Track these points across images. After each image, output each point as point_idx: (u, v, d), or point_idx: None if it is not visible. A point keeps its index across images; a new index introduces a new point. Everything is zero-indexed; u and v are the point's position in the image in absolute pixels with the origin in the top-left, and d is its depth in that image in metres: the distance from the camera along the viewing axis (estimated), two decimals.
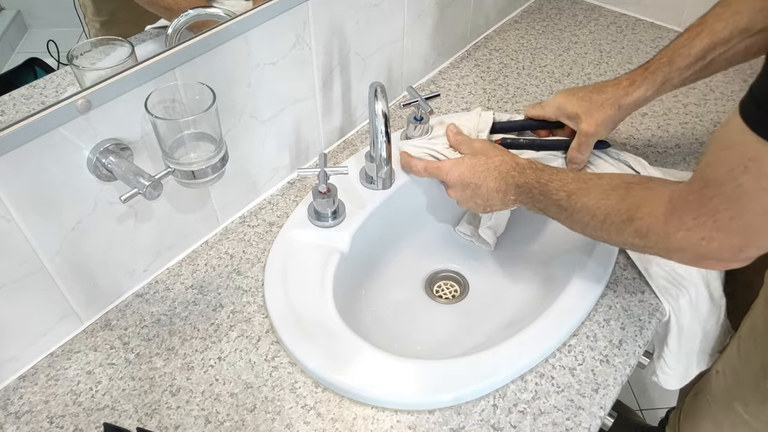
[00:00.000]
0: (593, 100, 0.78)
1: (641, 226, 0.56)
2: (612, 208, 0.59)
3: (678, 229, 0.52)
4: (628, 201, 0.58)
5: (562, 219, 0.67)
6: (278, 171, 0.87)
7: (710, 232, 0.50)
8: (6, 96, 0.58)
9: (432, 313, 0.84)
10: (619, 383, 0.66)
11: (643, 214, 0.56)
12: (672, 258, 0.57)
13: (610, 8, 1.29)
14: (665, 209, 0.54)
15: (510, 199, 0.73)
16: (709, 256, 0.52)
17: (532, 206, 0.71)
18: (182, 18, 0.68)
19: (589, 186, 0.64)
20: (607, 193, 0.61)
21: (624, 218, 0.58)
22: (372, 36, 0.89)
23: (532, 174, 0.70)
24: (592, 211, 0.62)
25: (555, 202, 0.66)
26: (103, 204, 0.65)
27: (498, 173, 0.73)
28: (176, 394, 0.65)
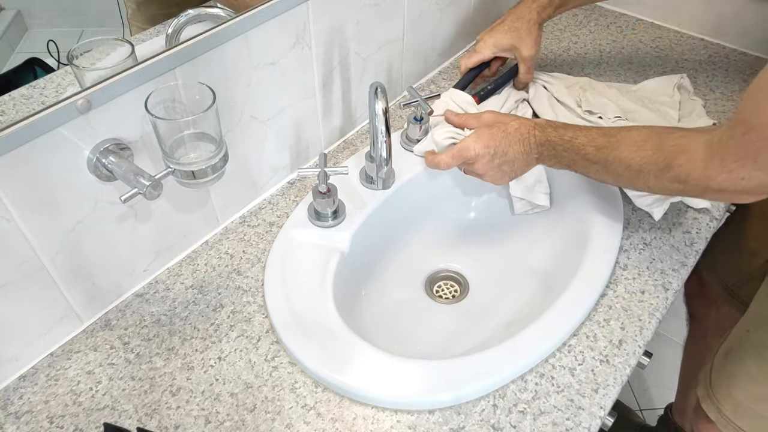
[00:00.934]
0: (519, 29, 0.90)
1: (680, 173, 0.60)
2: (648, 158, 0.63)
3: (719, 172, 0.57)
4: (665, 150, 0.61)
5: (591, 171, 0.70)
6: (278, 171, 0.87)
7: (750, 172, 0.55)
8: (6, 96, 0.58)
9: (432, 313, 0.84)
10: (619, 383, 0.66)
11: (682, 161, 0.60)
12: (707, 197, 0.62)
13: (610, 8, 1.29)
14: (704, 154, 0.58)
15: (533, 158, 0.75)
16: (747, 191, 0.57)
17: (556, 162, 0.74)
18: (182, 17, 0.68)
19: (619, 139, 0.67)
20: (640, 144, 0.64)
21: (662, 167, 0.62)
22: (372, 36, 0.89)
23: (554, 132, 0.72)
24: (626, 162, 0.65)
25: (583, 157, 0.69)
26: (103, 204, 0.65)
27: (520, 135, 0.74)
28: (176, 394, 0.65)
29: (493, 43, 0.92)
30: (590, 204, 0.81)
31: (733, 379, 0.87)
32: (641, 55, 1.14)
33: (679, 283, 0.76)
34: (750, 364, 0.84)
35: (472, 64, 0.94)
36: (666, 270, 0.77)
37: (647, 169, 0.63)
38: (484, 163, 0.76)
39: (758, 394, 0.84)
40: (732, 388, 0.87)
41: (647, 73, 1.10)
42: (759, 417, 0.84)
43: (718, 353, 0.91)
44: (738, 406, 0.86)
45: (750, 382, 0.84)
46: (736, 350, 0.87)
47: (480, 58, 0.93)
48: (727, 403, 0.87)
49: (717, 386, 0.89)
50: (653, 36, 1.20)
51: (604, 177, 0.70)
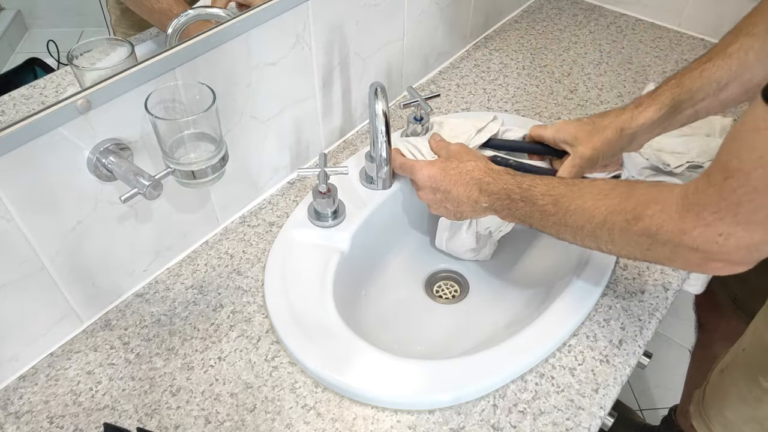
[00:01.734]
0: (596, 124, 0.74)
1: (651, 225, 0.53)
2: (614, 207, 0.56)
3: (695, 225, 0.49)
4: (634, 199, 0.55)
5: (547, 226, 0.63)
6: (278, 171, 0.87)
7: (729, 227, 0.48)
8: (6, 96, 0.58)
9: (432, 313, 0.84)
10: (619, 383, 0.66)
11: (654, 211, 0.53)
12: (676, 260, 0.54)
13: (610, 8, 1.29)
14: (679, 205, 0.51)
15: (482, 206, 0.69)
16: (720, 256, 0.50)
17: (509, 214, 0.68)
18: (182, 18, 0.68)
19: (582, 189, 0.60)
20: (606, 192, 0.58)
21: (629, 217, 0.54)
22: (372, 36, 0.89)
23: (511, 179, 0.67)
24: (589, 213, 0.58)
25: (540, 208, 0.63)
26: (103, 204, 0.65)
27: (470, 178, 0.69)
28: (176, 394, 0.65)
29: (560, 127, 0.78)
30: None
31: (725, 399, 0.86)
32: (641, 55, 1.14)
33: (679, 284, 0.76)
34: (742, 384, 0.82)
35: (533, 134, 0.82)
36: (666, 270, 0.77)
37: (612, 219, 0.56)
38: (426, 193, 0.74)
39: (748, 415, 0.83)
40: (724, 407, 0.86)
41: (647, 73, 1.10)
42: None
43: (715, 370, 0.90)
44: (728, 425, 0.85)
45: (741, 402, 0.83)
46: (730, 369, 0.86)
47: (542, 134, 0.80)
48: (718, 422, 0.87)
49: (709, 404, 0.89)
50: (653, 36, 1.20)
51: (562, 232, 0.62)
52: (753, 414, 0.82)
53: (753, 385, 0.81)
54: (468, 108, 1.03)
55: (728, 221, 0.48)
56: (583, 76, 1.10)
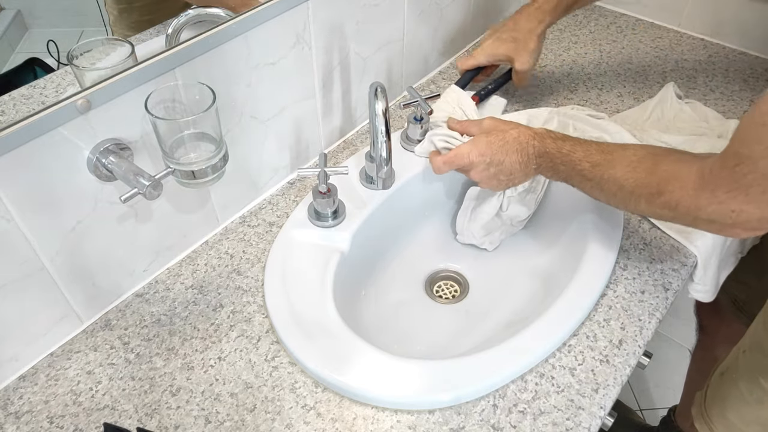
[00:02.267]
0: (517, 40, 0.90)
1: (671, 200, 0.59)
2: (641, 181, 0.61)
3: (710, 202, 0.55)
4: (658, 174, 0.60)
5: (586, 188, 0.69)
6: (278, 171, 0.87)
7: (741, 205, 0.53)
8: (6, 96, 0.57)
9: (432, 313, 0.84)
10: (619, 383, 0.66)
11: (674, 187, 0.58)
12: (698, 227, 0.60)
13: (610, 8, 1.29)
14: (696, 184, 0.56)
15: (532, 168, 0.73)
16: (737, 225, 0.55)
17: (553, 174, 0.72)
18: (182, 18, 0.68)
19: (615, 158, 0.65)
20: (634, 165, 0.63)
21: (653, 191, 0.60)
22: (372, 36, 0.89)
23: (553, 143, 0.71)
24: (619, 183, 0.64)
25: (579, 172, 0.68)
26: (103, 204, 0.65)
27: (518, 145, 0.73)
28: (176, 394, 0.65)
29: (489, 53, 0.93)
30: (590, 204, 0.81)
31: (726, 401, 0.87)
32: (641, 55, 1.14)
33: (679, 284, 0.76)
34: (743, 386, 0.84)
35: (467, 66, 0.96)
36: (666, 270, 0.77)
37: (639, 192, 0.62)
38: (479, 171, 0.75)
39: (750, 417, 0.83)
40: (725, 409, 0.87)
41: (647, 73, 1.10)
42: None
43: (715, 373, 0.91)
44: (730, 427, 0.86)
45: (742, 404, 0.84)
46: (731, 371, 0.87)
47: (474, 62, 0.95)
48: (720, 423, 0.88)
49: (711, 406, 0.89)
50: (653, 36, 1.20)
51: (598, 195, 0.68)
52: (755, 415, 0.83)
53: (754, 387, 0.82)
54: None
55: (740, 200, 0.53)
56: (583, 76, 1.10)
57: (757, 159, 0.51)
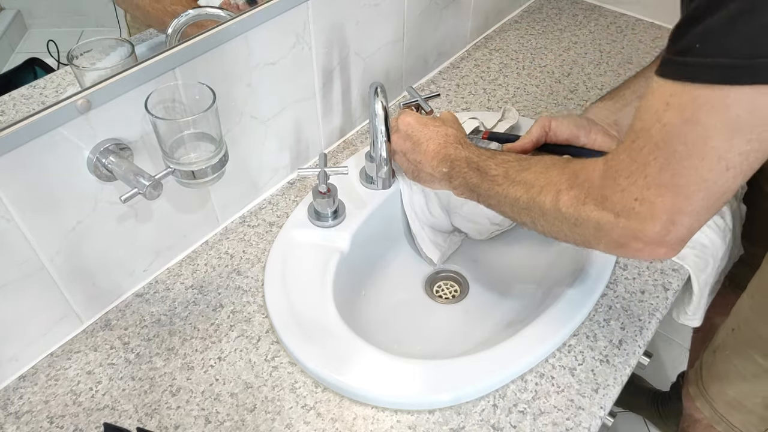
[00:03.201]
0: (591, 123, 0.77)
1: (579, 194, 0.54)
2: (552, 178, 0.58)
3: (613, 191, 0.51)
4: (568, 171, 0.57)
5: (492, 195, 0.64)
6: (278, 171, 0.87)
7: (641, 190, 0.49)
8: (6, 96, 0.57)
9: (432, 313, 0.84)
10: (620, 383, 0.66)
11: (582, 180, 0.54)
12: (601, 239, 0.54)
13: (610, 8, 1.29)
14: (601, 173, 0.52)
15: (442, 171, 0.70)
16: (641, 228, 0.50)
17: (462, 183, 0.68)
18: (182, 18, 0.68)
19: (531, 163, 0.62)
20: (548, 166, 0.59)
21: (563, 187, 0.56)
22: (372, 36, 0.89)
23: (474, 149, 0.69)
24: (528, 184, 0.60)
25: (491, 178, 0.64)
26: (103, 204, 0.65)
27: (444, 139, 0.71)
28: (176, 394, 0.65)
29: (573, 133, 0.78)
30: None
31: (724, 378, 0.88)
32: (641, 55, 1.14)
33: (679, 284, 0.76)
34: (738, 362, 0.85)
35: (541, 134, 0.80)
36: (666, 270, 0.77)
37: (546, 191, 0.57)
38: (399, 139, 0.74)
39: (748, 391, 0.85)
40: (724, 386, 0.88)
41: None
42: (750, 413, 0.85)
43: (707, 350, 0.92)
44: (731, 403, 0.87)
45: (740, 380, 0.85)
46: (723, 348, 0.88)
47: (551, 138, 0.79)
48: (721, 400, 0.89)
49: (709, 385, 0.91)
50: (653, 36, 1.20)
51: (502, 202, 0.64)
52: (753, 389, 0.84)
53: (748, 363, 0.83)
54: (468, 108, 1.03)
55: (640, 184, 0.49)
56: (583, 76, 1.10)
57: (648, 128, 0.47)
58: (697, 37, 0.43)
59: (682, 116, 0.45)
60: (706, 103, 0.43)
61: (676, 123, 0.46)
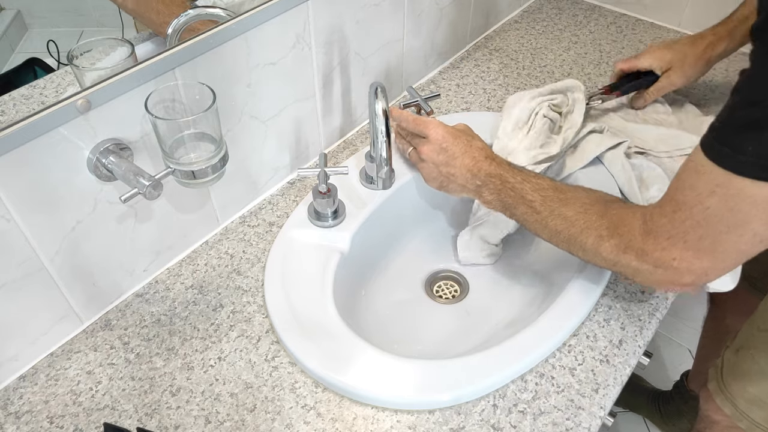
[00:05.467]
0: (687, 54, 0.88)
1: (620, 242, 0.61)
2: (592, 223, 0.63)
3: (654, 248, 0.57)
4: (608, 218, 0.62)
5: (529, 221, 0.69)
6: (278, 171, 0.87)
7: (681, 252, 0.56)
8: (6, 96, 0.57)
9: (432, 313, 0.84)
10: (620, 383, 0.66)
11: (623, 232, 0.60)
12: (637, 277, 0.61)
13: (610, 8, 1.29)
14: (641, 230, 0.59)
15: (475, 183, 0.74)
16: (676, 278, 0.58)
17: (496, 199, 0.72)
18: (182, 18, 0.68)
19: (568, 197, 0.67)
20: (586, 207, 0.65)
21: (604, 233, 0.62)
22: (372, 36, 0.89)
23: (508, 168, 0.72)
24: (569, 221, 0.65)
25: (528, 203, 0.69)
26: (103, 204, 0.65)
27: (477, 154, 0.74)
28: (176, 394, 0.65)
29: (658, 56, 0.91)
30: None
31: (747, 376, 0.89)
32: None
33: None
34: (762, 361, 0.86)
35: (626, 67, 0.94)
36: None
37: (588, 232, 0.64)
38: (431, 151, 0.76)
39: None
40: (746, 384, 0.89)
41: None
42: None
43: (729, 349, 0.93)
44: (752, 400, 0.89)
45: (762, 378, 0.87)
46: (747, 348, 0.89)
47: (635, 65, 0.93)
48: (741, 398, 0.90)
49: (730, 382, 0.92)
50: (653, 36, 1.20)
51: (539, 229, 0.69)
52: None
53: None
54: (468, 108, 1.03)
55: (680, 247, 0.56)
56: (583, 76, 1.10)
57: (691, 206, 0.53)
58: (753, 143, 0.48)
59: (726, 205, 0.51)
60: (751, 196, 0.49)
61: (720, 209, 0.51)
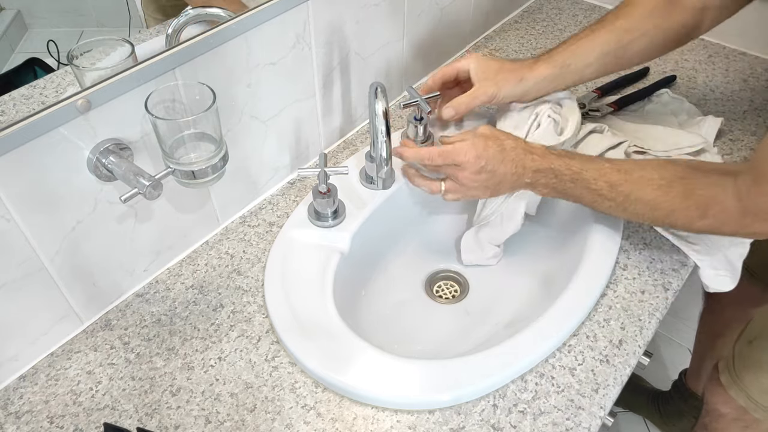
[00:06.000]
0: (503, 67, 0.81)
1: (714, 222, 0.62)
2: (677, 205, 0.64)
3: (754, 222, 0.60)
4: (695, 199, 0.63)
5: (602, 207, 0.69)
6: (278, 171, 0.87)
7: None
8: (6, 96, 0.57)
9: (432, 313, 0.84)
10: (620, 383, 0.66)
11: (716, 212, 0.62)
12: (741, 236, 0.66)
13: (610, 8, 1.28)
14: (737, 209, 0.60)
15: (524, 182, 0.72)
16: None
17: (552, 191, 0.71)
18: (182, 18, 0.68)
19: (635, 178, 0.66)
20: (665, 189, 0.65)
21: (695, 215, 0.63)
22: (372, 36, 0.89)
23: (558, 160, 0.70)
24: (650, 205, 0.66)
25: (594, 191, 0.68)
26: (103, 204, 0.65)
27: (515, 155, 0.71)
28: (176, 394, 0.65)
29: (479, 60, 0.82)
30: None
31: (761, 367, 0.90)
32: None
33: (679, 283, 0.76)
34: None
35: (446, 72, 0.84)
36: (666, 270, 0.77)
37: (676, 215, 0.65)
38: (470, 174, 0.71)
39: None
40: (759, 375, 0.90)
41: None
42: None
43: (740, 340, 0.93)
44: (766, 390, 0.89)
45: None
46: (761, 339, 0.90)
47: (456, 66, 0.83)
48: (755, 388, 0.91)
49: (743, 374, 0.92)
50: None
51: (619, 213, 0.69)
52: None
53: None
54: None
55: None
56: None
57: None
58: None
59: None
60: None
61: None
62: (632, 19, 0.79)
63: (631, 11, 0.79)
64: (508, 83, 0.80)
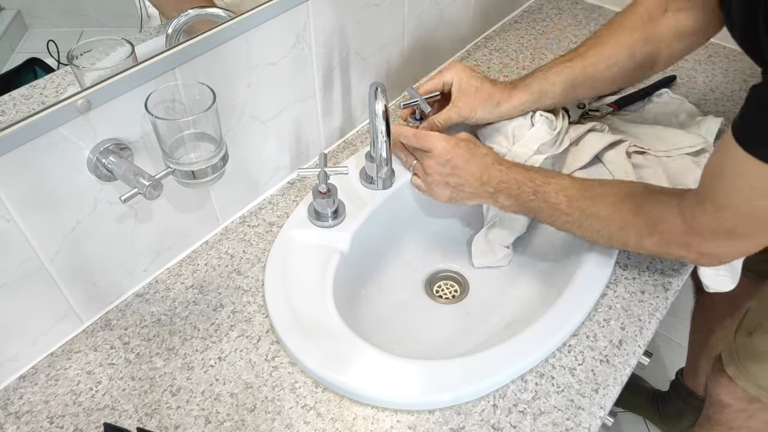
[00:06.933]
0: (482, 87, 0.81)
1: (661, 240, 0.63)
2: (628, 222, 0.65)
3: (700, 241, 0.60)
4: (644, 216, 0.64)
5: (559, 222, 0.70)
6: (278, 171, 0.87)
7: (727, 241, 0.59)
8: (6, 96, 0.57)
9: (432, 313, 0.84)
10: (620, 383, 0.66)
11: (663, 229, 0.62)
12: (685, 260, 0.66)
13: (610, 8, 1.29)
14: (682, 228, 0.61)
15: (487, 191, 0.73)
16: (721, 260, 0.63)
17: (515, 203, 0.73)
18: (182, 18, 0.68)
19: (594, 194, 0.67)
20: (617, 206, 0.66)
21: (644, 231, 0.64)
22: (372, 36, 0.89)
23: (522, 172, 0.72)
24: (605, 221, 0.67)
25: (553, 205, 0.69)
26: (103, 204, 0.65)
27: (483, 162, 0.73)
28: (176, 394, 0.65)
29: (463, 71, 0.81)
30: None
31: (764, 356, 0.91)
32: None
33: (679, 284, 0.76)
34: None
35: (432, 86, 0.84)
36: (666, 270, 0.77)
37: (627, 231, 0.66)
38: (435, 163, 0.75)
39: None
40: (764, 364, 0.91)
41: None
42: None
43: (740, 332, 0.94)
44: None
45: None
46: (761, 330, 0.90)
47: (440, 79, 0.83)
48: (763, 377, 0.92)
49: (749, 364, 0.93)
50: None
51: (572, 229, 0.70)
52: None
53: None
54: None
55: (725, 238, 0.59)
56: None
57: (737, 205, 0.55)
58: None
59: None
60: None
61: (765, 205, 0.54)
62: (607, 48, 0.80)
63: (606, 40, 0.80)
64: (483, 108, 0.81)
